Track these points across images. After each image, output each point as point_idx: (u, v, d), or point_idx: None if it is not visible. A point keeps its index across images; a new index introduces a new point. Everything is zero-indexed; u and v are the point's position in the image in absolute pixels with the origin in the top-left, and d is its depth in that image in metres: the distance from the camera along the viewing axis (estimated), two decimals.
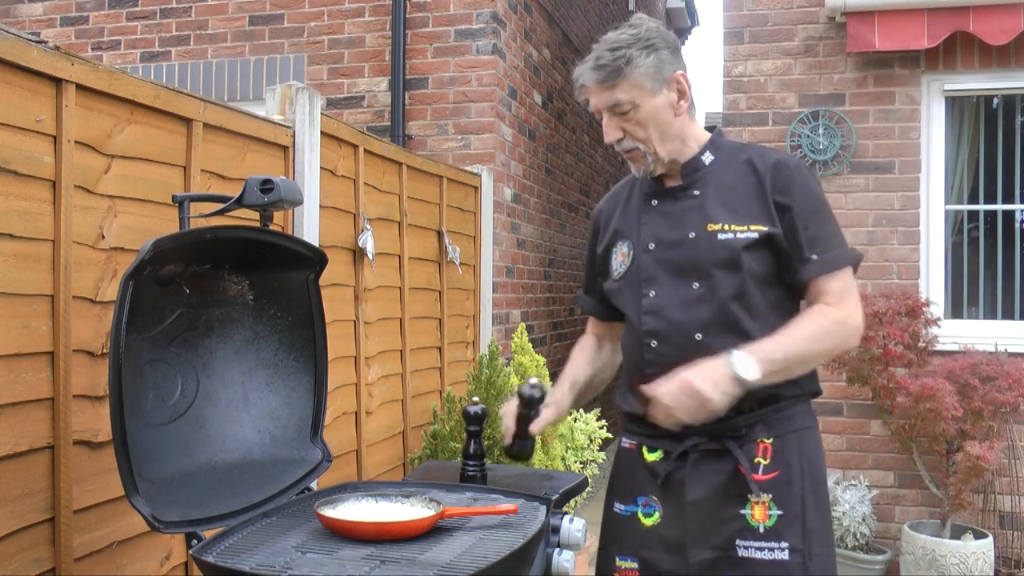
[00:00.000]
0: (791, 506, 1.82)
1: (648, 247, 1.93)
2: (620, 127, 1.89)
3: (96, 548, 2.05)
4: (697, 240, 1.87)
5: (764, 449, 1.84)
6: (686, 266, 1.87)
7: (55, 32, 5.79)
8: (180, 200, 1.94)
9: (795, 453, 1.85)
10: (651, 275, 1.91)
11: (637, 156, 1.92)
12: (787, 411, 1.87)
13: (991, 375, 4.16)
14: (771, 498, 1.82)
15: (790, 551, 1.79)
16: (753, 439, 1.84)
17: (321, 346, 2.06)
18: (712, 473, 1.84)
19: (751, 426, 1.85)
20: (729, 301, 1.83)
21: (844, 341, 1.86)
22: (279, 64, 5.46)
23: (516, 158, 5.61)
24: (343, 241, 3.25)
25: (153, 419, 1.77)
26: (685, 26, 14.08)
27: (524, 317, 5.73)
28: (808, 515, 1.83)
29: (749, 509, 1.82)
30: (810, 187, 1.89)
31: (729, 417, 1.81)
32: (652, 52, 1.86)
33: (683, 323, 1.85)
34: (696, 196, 1.91)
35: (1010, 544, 4.47)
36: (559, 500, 1.91)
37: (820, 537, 1.84)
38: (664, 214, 1.93)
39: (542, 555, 1.73)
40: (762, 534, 1.80)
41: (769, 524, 1.81)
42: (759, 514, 1.81)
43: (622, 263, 1.98)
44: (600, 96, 1.88)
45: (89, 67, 2.02)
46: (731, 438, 1.84)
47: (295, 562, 1.51)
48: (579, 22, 7.35)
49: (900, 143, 4.73)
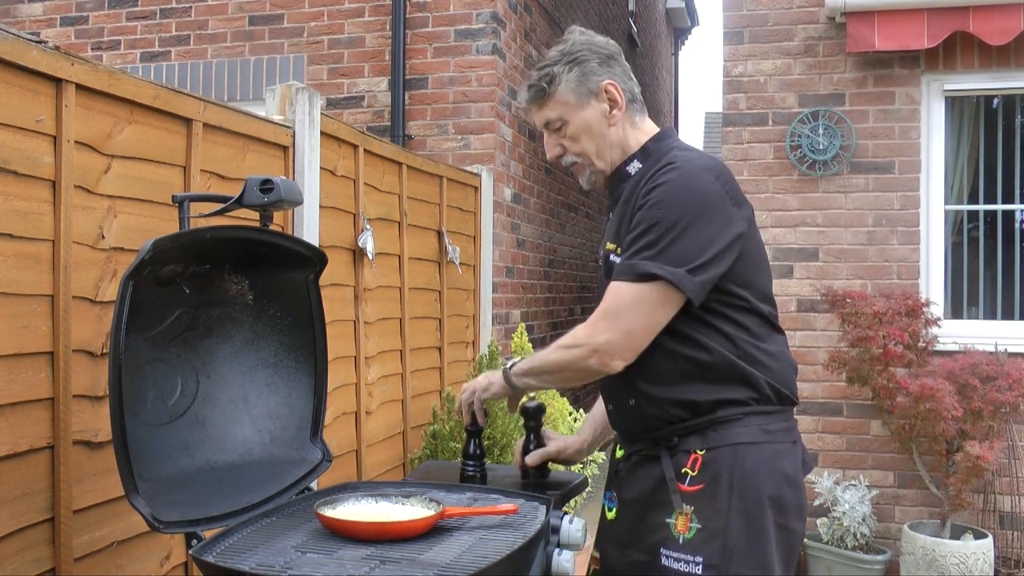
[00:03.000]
0: (712, 521, 1.76)
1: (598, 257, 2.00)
2: (558, 143, 1.94)
3: (96, 548, 2.05)
4: (604, 258, 1.91)
5: (694, 460, 1.80)
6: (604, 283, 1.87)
7: (55, 32, 5.79)
8: (180, 200, 1.94)
9: (726, 468, 1.78)
10: (600, 285, 1.94)
11: (579, 169, 1.96)
12: (727, 424, 1.80)
13: (991, 375, 4.16)
14: (693, 511, 1.78)
15: (704, 566, 1.74)
16: (685, 449, 1.81)
17: (321, 346, 2.06)
18: (643, 478, 1.87)
19: (684, 436, 1.82)
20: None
21: (578, 360, 1.80)
22: (279, 64, 5.46)
23: (516, 158, 5.61)
24: (343, 241, 3.25)
25: (153, 419, 1.77)
26: (685, 26, 14.09)
27: (524, 317, 5.73)
28: (732, 533, 1.75)
29: (674, 519, 1.80)
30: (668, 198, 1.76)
31: (659, 427, 1.84)
32: (575, 66, 1.88)
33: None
34: (614, 211, 1.92)
35: (1010, 544, 4.47)
36: (559, 500, 1.91)
37: (744, 558, 1.75)
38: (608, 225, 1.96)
39: (542, 555, 1.73)
40: (681, 545, 1.77)
41: (688, 536, 1.77)
42: (681, 525, 1.79)
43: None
44: (535, 116, 1.95)
45: (89, 67, 2.02)
46: (666, 447, 1.83)
47: (295, 562, 1.51)
48: (579, 22, 7.35)
49: (900, 143, 4.73)
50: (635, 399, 1.87)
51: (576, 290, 7.28)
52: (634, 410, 1.88)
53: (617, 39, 8.93)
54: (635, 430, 1.91)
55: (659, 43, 12.32)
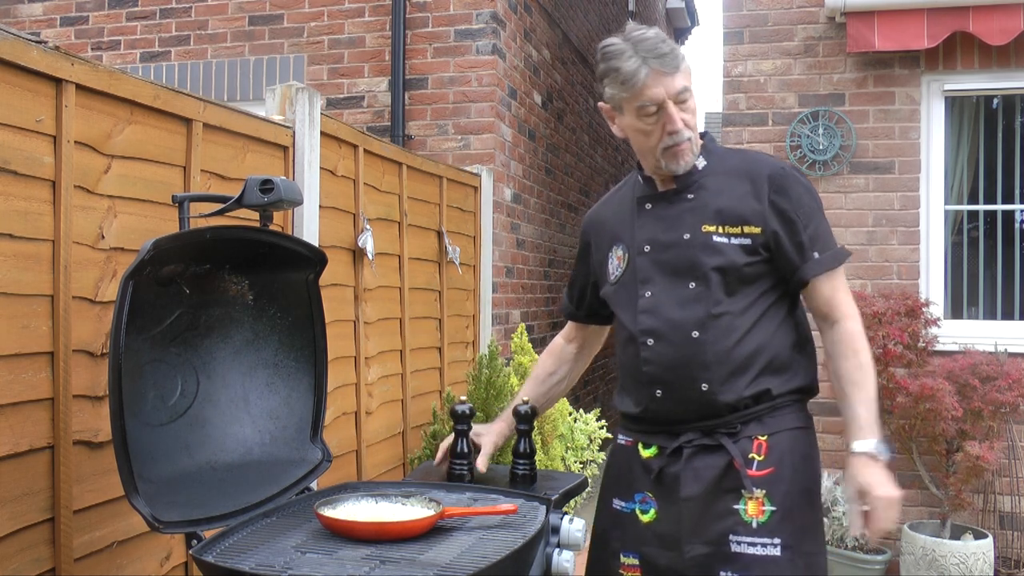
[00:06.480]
0: (784, 503, 1.83)
1: (643, 249, 1.95)
2: (682, 116, 1.86)
3: (96, 548, 2.05)
4: (692, 241, 1.90)
5: (759, 445, 1.86)
6: (682, 266, 1.90)
7: (55, 32, 5.79)
8: (180, 200, 1.94)
9: (789, 451, 1.87)
10: (647, 276, 1.94)
11: (687, 149, 1.90)
12: (781, 410, 1.89)
13: (991, 375, 4.16)
14: (765, 494, 1.83)
15: (782, 547, 1.80)
16: (748, 435, 1.87)
17: (321, 346, 2.06)
18: (706, 468, 1.86)
19: (745, 423, 1.87)
20: (723, 300, 1.86)
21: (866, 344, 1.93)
22: (279, 64, 5.46)
23: (516, 158, 5.61)
24: (343, 241, 3.25)
25: (153, 419, 1.77)
26: (685, 26, 14.08)
27: (524, 317, 5.73)
28: (800, 513, 1.85)
29: (743, 504, 1.83)
30: (808, 188, 1.94)
31: (721, 413, 1.85)
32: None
33: (680, 321, 1.88)
34: (690, 199, 1.93)
35: (1010, 544, 4.47)
36: (559, 500, 1.91)
37: (811, 536, 1.86)
38: (659, 217, 1.96)
39: (542, 555, 1.73)
40: (755, 529, 1.81)
41: (763, 520, 1.82)
42: (753, 509, 1.82)
43: (619, 266, 2.01)
44: (671, 83, 1.83)
45: (89, 67, 2.02)
46: (725, 434, 1.86)
47: (295, 562, 1.51)
48: (579, 22, 7.35)
49: (900, 143, 4.73)
50: (710, 384, 1.85)
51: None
52: (704, 396, 1.86)
53: None
54: (690, 417, 1.89)
55: None
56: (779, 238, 1.88)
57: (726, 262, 1.86)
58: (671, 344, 1.88)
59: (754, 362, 1.86)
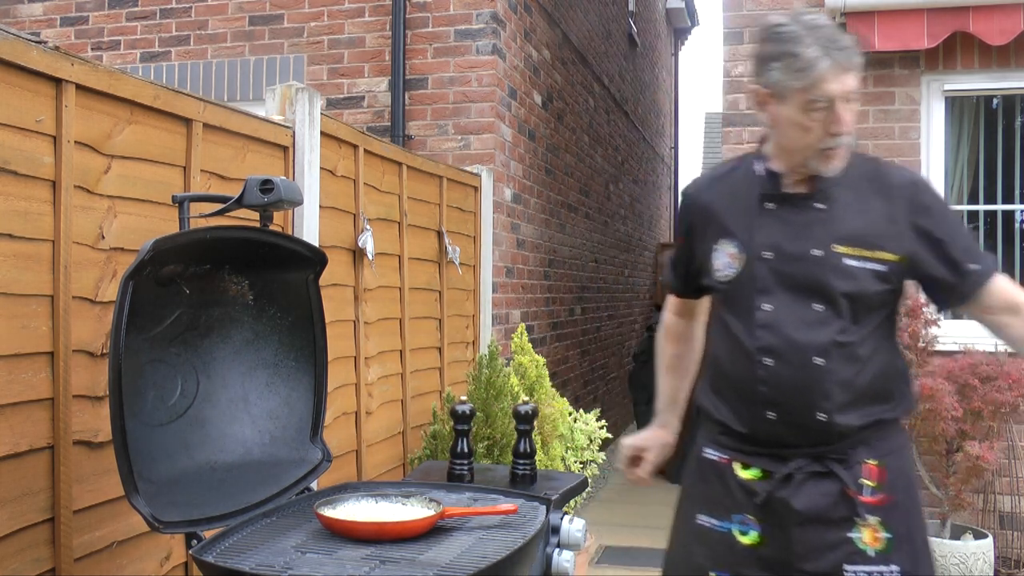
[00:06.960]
0: (900, 529, 1.78)
1: (763, 255, 1.81)
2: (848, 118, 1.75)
3: (96, 548, 2.05)
4: (823, 260, 1.77)
5: (869, 471, 1.79)
6: (808, 285, 1.78)
7: (55, 32, 5.79)
8: (180, 200, 1.94)
9: (900, 474, 1.82)
10: (766, 286, 1.81)
11: (840, 153, 1.78)
12: (886, 431, 1.83)
13: (991, 375, 4.16)
14: (879, 521, 1.77)
15: (900, 574, 1.76)
16: (858, 461, 1.80)
17: (321, 346, 2.06)
18: (819, 496, 1.78)
19: (854, 448, 1.80)
20: (850, 328, 1.77)
21: None
22: (279, 64, 5.46)
23: (516, 158, 5.61)
24: (343, 241, 3.25)
25: (153, 419, 1.77)
26: (685, 26, 14.09)
27: (524, 317, 5.73)
28: (915, 536, 1.80)
29: (859, 532, 1.77)
30: (940, 197, 1.87)
31: (832, 440, 1.78)
32: None
33: (803, 344, 1.77)
34: (821, 209, 1.80)
35: (1010, 544, 4.47)
36: (559, 500, 1.91)
37: (925, 558, 1.82)
38: (784, 222, 1.81)
39: (542, 555, 1.73)
40: (872, 558, 1.75)
41: (880, 548, 1.76)
42: (869, 537, 1.76)
43: (730, 265, 1.86)
44: (848, 80, 1.72)
45: (89, 67, 2.02)
46: (835, 460, 1.79)
47: (295, 562, 1.51)
48: (579, 22, 7.35)
49: (900, 143, 4.73)
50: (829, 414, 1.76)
51: (576, 290, 7.27)
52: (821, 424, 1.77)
53: (617, 39, 8.93)
54: (801, 443, 1.80)
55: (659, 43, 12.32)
56: (922, 260, 1.79)
57: (857, 289, 1.76)
58: (790, 366, 1.77)
59: (870, 391, 1.79)
